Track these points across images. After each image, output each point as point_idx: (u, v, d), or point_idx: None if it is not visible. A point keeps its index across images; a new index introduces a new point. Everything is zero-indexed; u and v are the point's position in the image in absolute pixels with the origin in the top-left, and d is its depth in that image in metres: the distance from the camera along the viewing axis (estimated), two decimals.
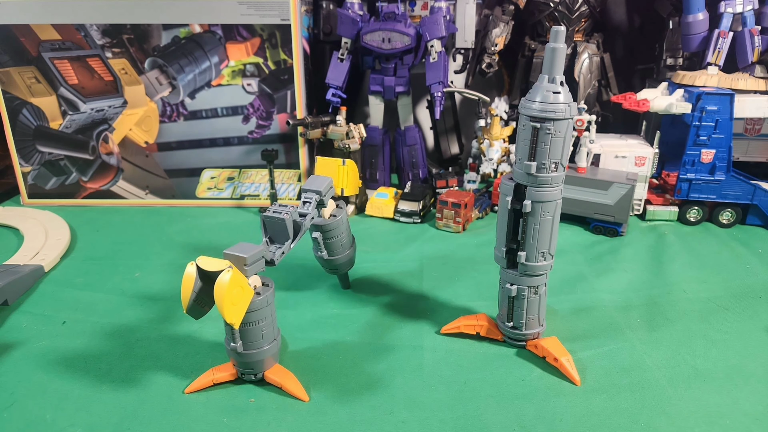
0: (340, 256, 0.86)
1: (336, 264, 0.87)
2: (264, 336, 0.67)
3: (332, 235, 0.83)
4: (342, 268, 0.89)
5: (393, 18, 1.21)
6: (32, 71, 1.20)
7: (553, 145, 0.66)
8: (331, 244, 0.84)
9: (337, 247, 0.85)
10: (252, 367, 0.68)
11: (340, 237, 0.84)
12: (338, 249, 0.85)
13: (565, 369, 0.70)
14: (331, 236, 0.83)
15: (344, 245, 0.85)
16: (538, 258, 0.71)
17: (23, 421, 0.64)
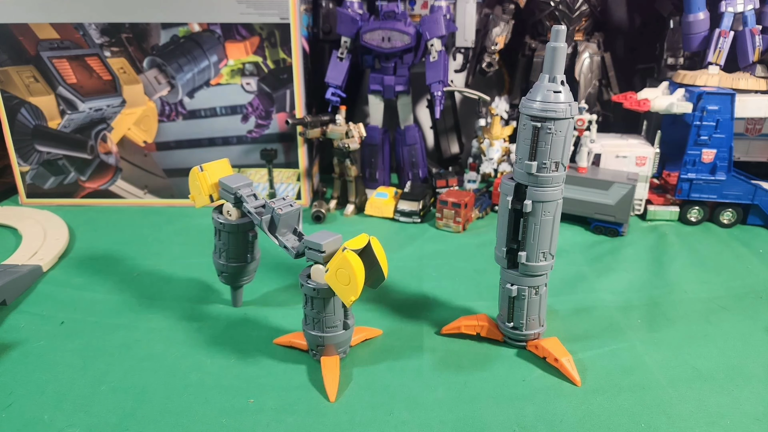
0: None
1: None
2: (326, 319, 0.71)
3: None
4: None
5: (393, 17, 1.21)
6: (31, 70, 1.20)
7: (553, 144, 0.66)
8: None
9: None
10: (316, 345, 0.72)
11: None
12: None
13: (565, 369, 0.70)
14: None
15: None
16: (539, 258, 0.71)
17: (22, 421, 0.63)
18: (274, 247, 0.77)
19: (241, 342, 0.78)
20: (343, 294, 0.64)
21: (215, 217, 0.80)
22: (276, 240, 0.72)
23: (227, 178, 0.79)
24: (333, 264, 0.64)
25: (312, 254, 0.68)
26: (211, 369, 0.72)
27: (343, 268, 0.63)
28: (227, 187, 0.78)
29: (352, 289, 0.63)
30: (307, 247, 0.68)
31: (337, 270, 0.63)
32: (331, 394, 0.67)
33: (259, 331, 0.81)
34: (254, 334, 0.80)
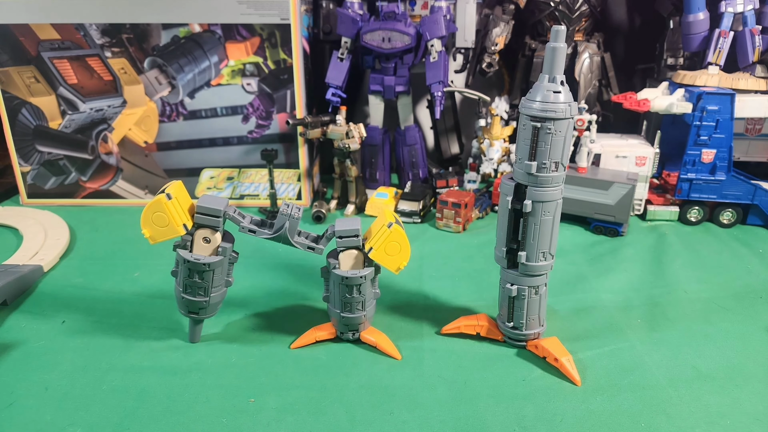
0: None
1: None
2: (366, 300, 0.75)
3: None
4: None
5: (393, 17, 1.21)
6: (31, 71, 1.20)
7: (553, 144, 0.66)
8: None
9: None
10: (353, 328, 0.76)
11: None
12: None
13: (565, 369, 0.70)
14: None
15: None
16: (539, 258, 0.71)
17: (23, 420, 0.64)
18: (271, 247, 0.78)
19: (241, 342, 0.78)
20: (392, 263, 0.73)
21: (186, 256, 0.71)
22: (298, 246, 0.74)
23: (205, 200, 0.72)
24: (377, 241, 0.72)
25: (348, 242, 0.72)
26: (212, 368, 0.72)
27: (394, 241, 0.72)
28: (210, 210, 0.71)
29: (403, 257, 0.73)
30: (340, 236, 0.72)
31: (386, 245, 0.72)
32: (394, 353, 0.75)
33: (259, 331, 0.81)
34: (254, 334, 0.80)
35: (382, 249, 0.72)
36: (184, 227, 0.71)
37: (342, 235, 0.72)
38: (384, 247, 0.72)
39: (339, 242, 0.72)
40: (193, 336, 0.78)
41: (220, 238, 0.73)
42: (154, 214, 0.70)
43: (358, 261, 0.74)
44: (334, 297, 0.75)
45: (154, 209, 0.69)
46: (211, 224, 0.72)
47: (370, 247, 0.72)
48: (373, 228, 0.74)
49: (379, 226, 0.73)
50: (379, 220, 0.74)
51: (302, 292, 0.91)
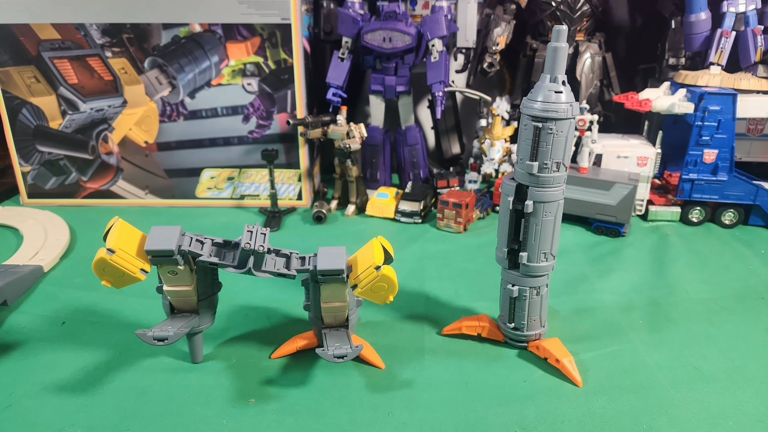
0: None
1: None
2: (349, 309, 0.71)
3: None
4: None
5: (394, 17, 1.21)
6: (32, 71, 1.20)
7: (554, 145, 0.65)
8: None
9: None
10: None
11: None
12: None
13: (566, 370, 0.70)
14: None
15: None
16: (540, 259, 0.71)
17: (22, 421, 0.63)
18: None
19: (241, 342, 0.78)
20: (379, 299, 0.68)
21: (147, 341, 0.65)
22: (268, 275, 0.67)
23: (154, 239, 0.64)
24: (363, 281, 0.66)
25: (329, 279, 0.66)
26: (212, 369, 0.72)
27: (382, 283, 0.66)
28: (161, 252, 0.63)
29: (390, 292, 0.68)
30: (321, 275, 0.66)
31: (373, 286, 0.66)
32: (378, 362, 0.73)
33: (259, 332, 0.80)
34: (255, 334, 0.80)
35: (369, 289, 0.67)
36: (142, 272, 0.64)
37: (324, 273, 0.65)
38: (371, 287, 0.67)
39: (321, 279, 0.66)
40: (195, 355, 0.73)
41: (186, 267, 0.65)
42: (105, 269, 0.64)
43: (341, 293, 0.68)
44: (316, 305, 0.70)
45: (102, 266, 0.63)
46: (170, 264, 0.64)
47: (355, 284, 0.67)
48: (360, 264, 0.67)
49: (367, 266, 0.66)
50: (368, 256, 0.67)
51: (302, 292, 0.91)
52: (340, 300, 0.68)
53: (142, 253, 0.65)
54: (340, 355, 0.65)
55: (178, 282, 0.67)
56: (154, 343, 0.65)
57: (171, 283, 0.67)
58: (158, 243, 0.63)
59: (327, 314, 0.70)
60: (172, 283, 0.67)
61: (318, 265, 0.66)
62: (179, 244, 0.64)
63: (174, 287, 0.67)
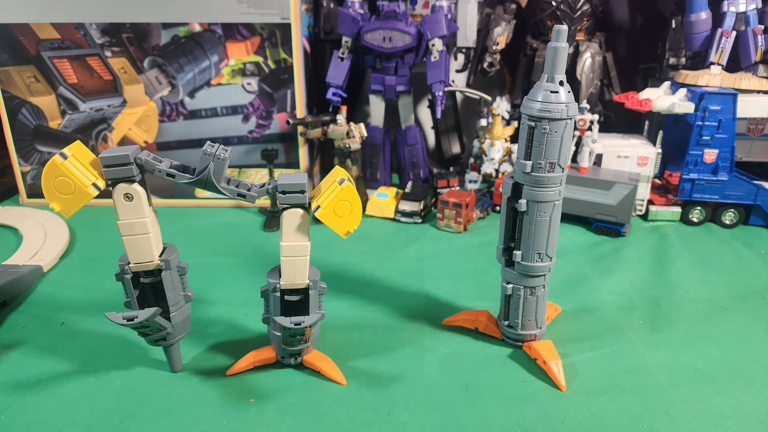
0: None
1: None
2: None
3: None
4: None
5: (394, 17, 1.21)
6: (31, 70, 1.20)
7: (548, 145, 0.65)
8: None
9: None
10: (294, 352, 0.70)
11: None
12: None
13: (552, 373, 0.70)
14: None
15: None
16: (534, 258, 0.71)
17: (22, 421, 0.63)
18: (271, 247, 0.76)
19: (241, 342, 0.78)
20: (341, 226, 0.65)
21: (116, 320, 0.62)
22: (226, 192, 0.63)
23: (109, 152, 0.60)
24: (325, 199, 0.63)
25: (292, 198, 0.63)
26: (212, 369, 0.72)
27: (345, 200, 0.63)
28: (116, 159, 0.60)
29: (353, 219, 0.65)
30: (282, 192, 0.62)
31: (336, 204, 0.63)
32: (339, 378, 0.70)
33: (259, 332, 0.80)
34: (254, 334, 0.80)
35: (331, 209, 0.63)
36: (94, 187, 0.59)
37: (285, 189, 0.62)
38: (333, 206, 0.63)
39: (282, 198, 0.63)
40: (173, 364, 0.71)
41: (143, 190, 0.62)
42: (56, 180, 0.58)
43: (304, 223, 0.64)
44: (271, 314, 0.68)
45: (54, 174, 0.58)
46: (125, 175, 0.60)
47: (318, 206, 0.63)
48: (323, 185, 0.65)
49: (330, 183, 0.64)
50: (330, 177, 0.65)
51: None
52: (301, 238, 0.64)
53: (96, 168, 0.60)
54: (297, 322, 0.63)
55: (133, 212, 0.62)
56: (123, 322, 0.63)
57: (126, 214, 0.62)
58: (115, 151, 0.60)
59: (287, 266, 0.65)
60: (128, 213, 0.62)
61: (279, 181, 0.63)
62: (134, 155, 0.60)
63: (129, 219, 0.62)
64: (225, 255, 1.03)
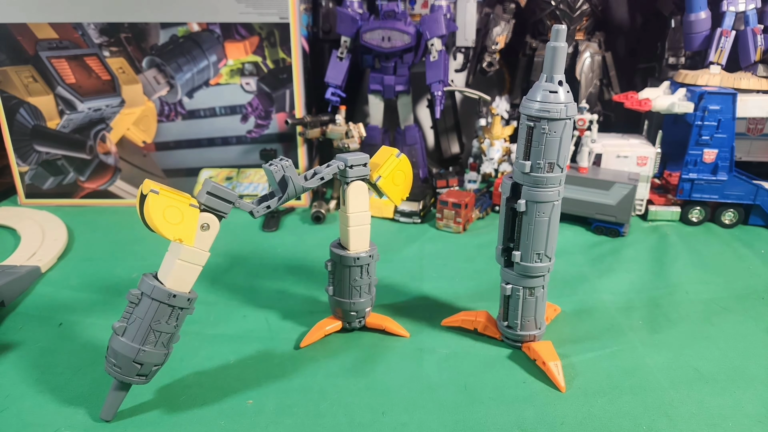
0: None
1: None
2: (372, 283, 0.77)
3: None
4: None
5: (393, 16, 1.20)
6: (29, 70, 1.20)
7: (547, 145, 0.65)
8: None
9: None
10: (359, 316, 0.78)
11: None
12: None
13: (551, 374, 0.70)
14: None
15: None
16: (533, 258, 0.70)
17: (20, 423, 0.63)
18: (270, 247, 0.75)
19: (239, 343, 0.78)
20: (397, 194, 0.76)
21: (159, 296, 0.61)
22: (311, 185, 0.69)
23: (212, 185, 0.63)
24: (386, 170, 0.74)
25: (358, 171, 0.72)
26: (210, 370, 0.72)
27: (401, 170, 0.75)
28: (224, 194, 0.63)
29: (406, 187, 0.77)
30: (350, 166, 0.71)
31: (394, 174, 0.75)
32: (402, 332, 0.79)
33: (258, 332, 0.80)
34: (253, 334, 0.80)
35: (390, 178, 0.74)
36: (193, 207, 0.62)
37: (353, 164, 0.71)
38: (392, 176, 0.74)
39: (350, 172, 0.72)
40: (111, 408, 0.63)
41: (218, 228, 0.64)
42: (165, 213, 0.60)
43: (365, 194, 0.74)
44: (343, 285, 0.76)
45: (159, 209, 0.59)
46: (219, 209, 0.63)
47: (379, 176, 0.74)
48: (379, 159, 0.75)
49: (387, 155, 0.74)
50: (384, 152, 0.75)
51: (301, 293, 0.91)
52: (364, 207, 0.74)
53: (178, 193, 0.62)
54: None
55: (201, 242, 0.63)
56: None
57: (199, 241, 0.63)
58: (220, 189, 0.63)
59: (354, 235, 0.74)
60: (200, 241, 0.63)
61: (348, 157, 0.71)
62: (236, 201, 0.65)
63: (198, 246, 0.63)
64: (223, 255, 1.03)
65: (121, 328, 0.61)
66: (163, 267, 0.63)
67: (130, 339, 0.61)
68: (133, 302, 0.62)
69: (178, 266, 0.62)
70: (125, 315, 0.62)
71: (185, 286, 0.63)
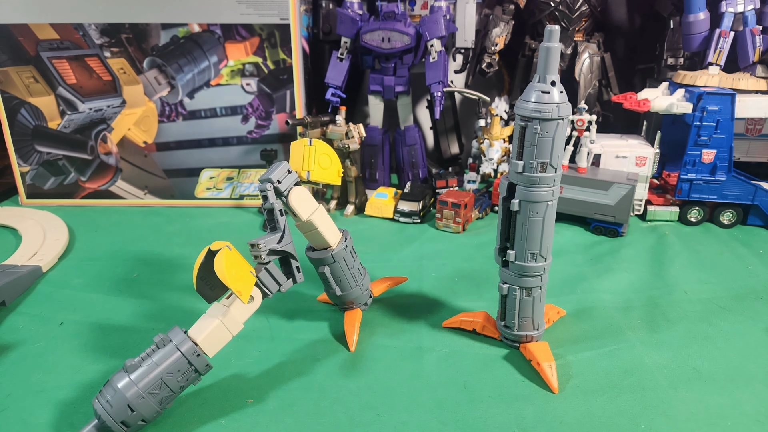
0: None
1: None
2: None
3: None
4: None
5: (393, 17, 1.21)
6: (30, 71, 1.20)
7: (540, 145, 0.65)
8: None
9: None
10: (367, 289, 0.82)
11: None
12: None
13: (544, 374, 0.70)
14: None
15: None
16: (528, 258, 0.71)
17: (20, 423, 0.63)
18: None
19: (239, 343, 0.78)
20: (332, 175, 0.76)
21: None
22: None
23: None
24: (308, 162, 0.74)
25: (286, 182, 0.70)
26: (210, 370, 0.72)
27: (323, 153, 0.75)
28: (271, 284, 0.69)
29: (336, 163, 0.77)
30: (278, 180, 0.69)
31: (318, 160, 0.75)
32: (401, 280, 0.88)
33: (258, 332, 0.80)
34: (253, 334, 0.80)
35: (318, 167, 0.74)
36: (252, 274, 0.66)
37: (279, 177, 0.69)
38: (318, 164, 0.74)
39: (282, 186, 0.69)
40: None
41: (259, 303, 0.67)
42: (234, 266, 0.63)
43: (307, 194, 0.72)
44: (344, 278, 0.77)
45: (233, 261, 0.63)
46: (268, 287, 0.68)
47: (307, 171, 0.73)
48: (297, 157, 0.74)
49: (301, 149, 0.74)
50: (297, 148, 0.74)
51: (301, 292, 0.91)
52: (312, 207, 0.73)
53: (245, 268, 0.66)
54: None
55: (243, 311, 0.66)
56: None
57: (242, 313, 0.66)
58: (276, 270, 0.69)
59: (318, 238, 0.75)
60: (243, 313, 0.66)
61: (269, 176, 0.69)
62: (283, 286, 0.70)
63: (241, 310, 0.66)
64: None
65: (133, 367, 0.60)
66: (197, 326, 0.64)
67: (136, 380, 0.60)
68: (157, 346, 0.61)
69: (217, 326, 0.64)
70: (143, 356, 0.61)
71: (211, 350, 0.64)
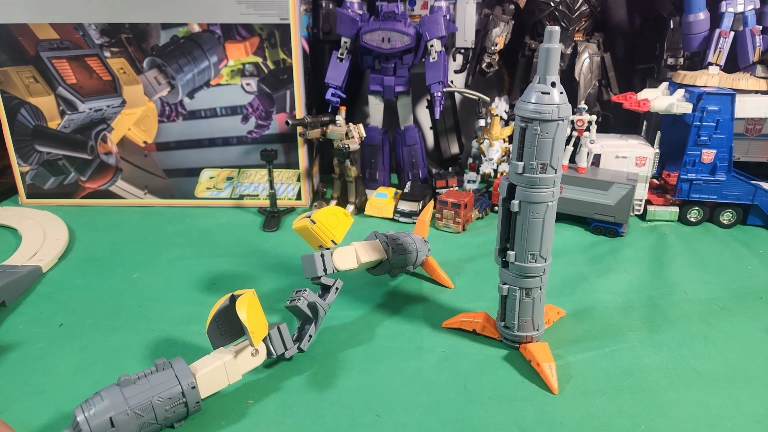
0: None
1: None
2: None
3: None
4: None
5: (393, 17, 1.21)
6: (30, 71, 1.20)
7: (540, 146, 0.65)
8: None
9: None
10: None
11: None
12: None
13: (544, 375, 0.70)
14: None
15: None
16: (528, 259, 0.71)
17: (20, 424, 0.63)
18: (270, 247, 0.75)
19: None
20: (344, 224, 0.81)
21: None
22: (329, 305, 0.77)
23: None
24: (323, 235, 0.78)
25: (332, 262, 0.78)
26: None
27: (331, 215, 0.80)
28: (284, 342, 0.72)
29: (344, 214, 0.82)
30: (321, 275, 0.76)
31: (330, 224, 0.79)
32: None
33: None
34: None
35: (333, 230, 0.79)
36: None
37: (317, 273, 0.76)
38: (330, 229, 0.79)
39: (326, 280, 0.77)
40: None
41: (262, 360, 0.70)
42: (255, 311, 0.67)
43: (350, 254, 0.80)
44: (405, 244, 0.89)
45: (255, 306, 0.67)
46: (275, 348, 0.70)
47: (331, 240, 0.79)
48: (309, 239, 0.79)
49: (309, 232, 0.78)
50: (305, 233, 0.78)
51: None
52: (354, 262, 0.82)
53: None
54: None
55: (246, 363, 0.68)
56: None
57: (246, 364, 0.68)
58: (285, 332, 0.73)
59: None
60: (247, 364, 0.68)
61: (308, 275, 0.76)
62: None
63: (246, 361, 0.68)
64: (224, 255, 1.03)
65: (127, 382, 0.59)
66: (200, 362, 0.65)
67: (127, 395, 0.58)
68: (157, 369, 0.62)
69: (218, 367, 0.65)
70: (139, 375, 0.61)
71: (205, 389, 0.64)
